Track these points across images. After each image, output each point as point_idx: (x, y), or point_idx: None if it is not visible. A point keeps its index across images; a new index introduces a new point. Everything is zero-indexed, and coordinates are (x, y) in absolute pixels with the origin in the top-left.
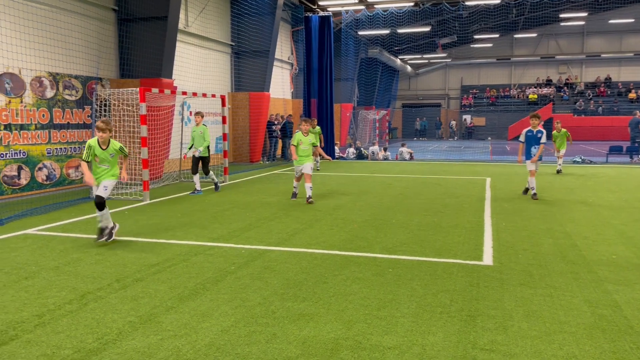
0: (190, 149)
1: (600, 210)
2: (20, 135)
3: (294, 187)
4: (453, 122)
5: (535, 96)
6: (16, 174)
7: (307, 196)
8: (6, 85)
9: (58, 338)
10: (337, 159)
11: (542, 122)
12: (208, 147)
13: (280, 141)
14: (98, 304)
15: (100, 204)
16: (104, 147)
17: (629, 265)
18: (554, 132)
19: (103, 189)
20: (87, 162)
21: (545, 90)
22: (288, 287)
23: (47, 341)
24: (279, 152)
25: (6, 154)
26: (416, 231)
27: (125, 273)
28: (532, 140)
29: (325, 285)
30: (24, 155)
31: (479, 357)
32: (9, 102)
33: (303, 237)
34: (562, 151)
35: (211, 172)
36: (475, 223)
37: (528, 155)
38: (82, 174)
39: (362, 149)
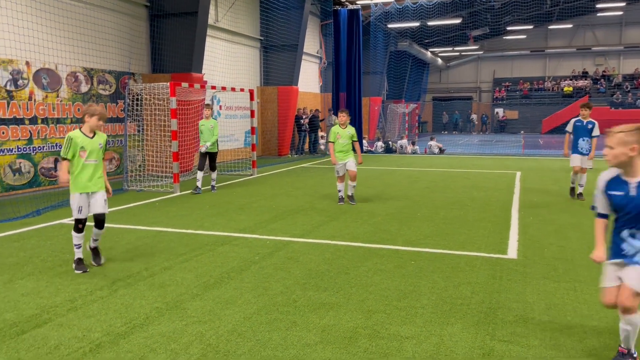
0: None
1: None
2: (56, 128)
3: (339, 191)
4: (474, 116)
5: (571, 89)
6: (53, 166)
7: (350, 194)
8: (43, 81)
9: (89, 322)
10: (365, 152)
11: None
12: (216, 142)
13: (308, 135)
14: (127, 290)
15: (103, 221)
16: (90, 136)
17: None
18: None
19: (103, 202)
20: (67, 159)
21: (581, 83)
22: (310, 277)
23: (79, 324)
24: (306, 145)
25: (43, 146)
26: (441, 225)
27: (153, 262)
28: (582, 131)
29: (346, 276)
30: (60, 148)
31: (496, 348)
32: (46, 96)
33: (327, 230)
34: None
35: (216, 172)
36: (502, 217)
37: (575, 149)
38: (116, 167)
39: (390, 142)
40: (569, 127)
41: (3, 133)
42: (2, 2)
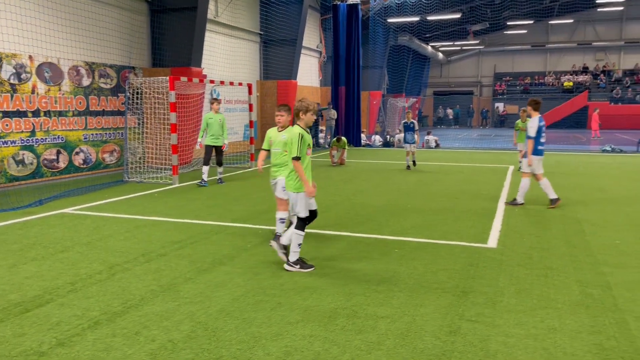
0: (202, 136)
1: (617, 198)
2: (58, 121)
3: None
4: (449, 111)
5: (571, 84)
6: (55, 157)
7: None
8: (45, 74)
9: (88, 302)
10: (363, 146)
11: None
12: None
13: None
14: (124, 274)
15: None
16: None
17: (630, 251)
18: (518, 121)
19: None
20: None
21: (581, 78)
22: None
23: (78, 304)
24: None
25: (46, 139)
26: (429, 216)
27: (150, 248)
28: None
29: (332, 262)
30: (62, 140)
31: (463, 326)
32: (49, 90)
33: (318, 219)
34: (522, 145)
35: (222, 166)
36: (488, 209)
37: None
38: (117, 159)
39: (388, 136)
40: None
41: (7, 125)
42: None
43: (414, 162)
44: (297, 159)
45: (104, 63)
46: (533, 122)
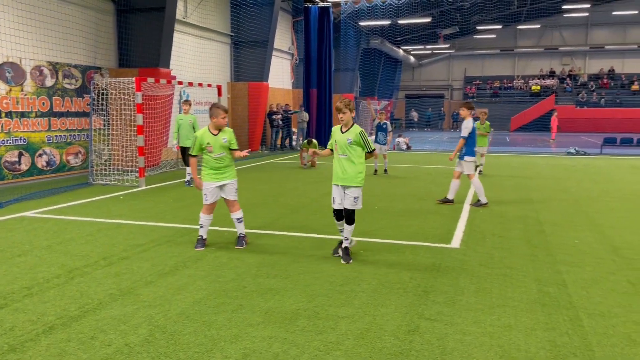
0: (176, 138)
1: (579, 199)
2: (20, 122)
3: (200, 226)
4: (414, 114)
5: (539, 87)
6: (17, 159)
7: (240, 234)
8: (7, 74)
9: (44, 307)
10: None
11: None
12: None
13: (281, 131)
14: (83, 278)
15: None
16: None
17: (588, 250)
18: (477, 123)
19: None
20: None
21: (548, 82)
22: (263, 265)
23: (34, 309)
24: (279, 141)
25: (7, 140)
26: (395, 217)
27: (112, 252)
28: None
29: (297, 264)
30: (24, 142)
31: (422, 325)
32: (10, 90)
33: (286, 222)
34: (484, 149)
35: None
36: (454, 210)
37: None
38: (82, 161)
39: None
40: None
41: None
42: None
43: (385, 170)
44: (371, 152)
45: (68, 63)
46: (468, 123)
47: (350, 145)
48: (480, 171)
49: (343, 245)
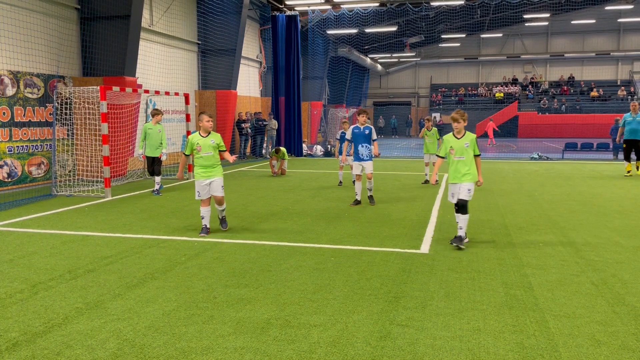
0: (142, 147)
1: (542, 202)
2: None
3: (202, 217)
4: (381, 121)
5: (502, 94)
6: None
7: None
8: None
9: (6, 323)
10: (304, 156)
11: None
12: (160, 146)
13: (250, 139)
14: (48, 292)
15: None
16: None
17: (552, 252)
18: (424, 129)
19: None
20: None
21: (511, 89)
22: (233, 275)
23: None
24: (248, 149)
25: None
26: (365, 223)
27: (77, 265)
28: (360, 137)
29: (268, 273)
30: None
31: (393, 331)
32: None
33: (256, 230)
34: (428, 156)
35: (160, 176)
36: (423, 216)
37: (356, 156)
38: (45, 172)
39: (329, 146)
40: (348, 135)
41: None
42: None
43: (370, 196)
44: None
45: (30, 72)
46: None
47: (467, 149)
48: (426, 181)
49: (458, 234)
